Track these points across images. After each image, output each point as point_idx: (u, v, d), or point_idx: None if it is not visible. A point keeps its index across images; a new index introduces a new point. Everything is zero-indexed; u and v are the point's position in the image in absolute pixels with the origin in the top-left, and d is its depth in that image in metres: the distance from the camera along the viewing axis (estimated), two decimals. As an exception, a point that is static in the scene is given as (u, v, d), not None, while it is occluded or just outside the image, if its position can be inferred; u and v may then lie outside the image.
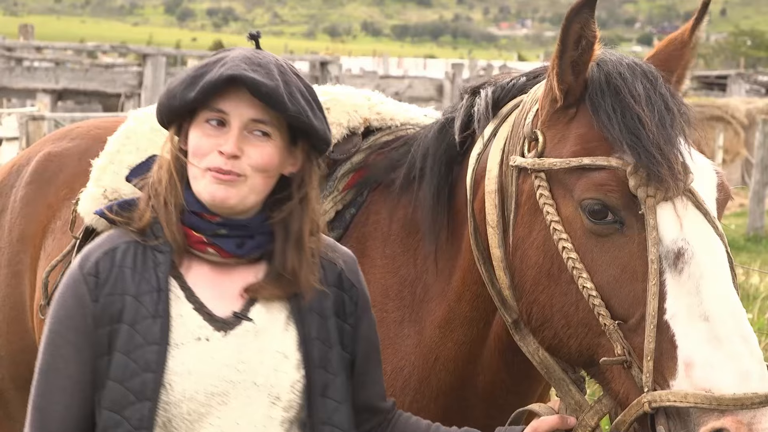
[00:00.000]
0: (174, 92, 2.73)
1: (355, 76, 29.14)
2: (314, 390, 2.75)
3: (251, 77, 2.65)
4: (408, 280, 3.37)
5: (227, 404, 2.68)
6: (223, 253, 2.74)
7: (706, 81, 38.92)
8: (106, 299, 2.68)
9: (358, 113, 3.68)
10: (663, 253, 2.74)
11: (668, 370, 2.67)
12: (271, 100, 2.66)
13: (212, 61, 2.73)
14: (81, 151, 4.34)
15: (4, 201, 4.47)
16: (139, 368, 2.64)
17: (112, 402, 2.65)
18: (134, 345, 2.65)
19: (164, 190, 2.73)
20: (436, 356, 3.29)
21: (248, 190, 2.70)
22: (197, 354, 2.68)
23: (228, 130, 2.69)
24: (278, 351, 2.73)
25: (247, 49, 2.78)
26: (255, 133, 2.70)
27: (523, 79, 3.28)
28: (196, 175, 2.71)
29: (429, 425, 2.98)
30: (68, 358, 2.69)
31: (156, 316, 2.67)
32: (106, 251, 2.74)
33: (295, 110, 2.69)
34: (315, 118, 2.74)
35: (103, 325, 2.67)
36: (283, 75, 2.71)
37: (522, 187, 2.98)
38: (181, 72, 2.79)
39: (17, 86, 21.88)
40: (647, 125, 2.80)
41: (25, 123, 14.21)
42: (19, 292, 4.32)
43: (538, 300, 2.92)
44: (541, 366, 3.02)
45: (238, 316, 2.73)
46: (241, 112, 2.69)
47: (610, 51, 3.00)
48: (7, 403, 4.45)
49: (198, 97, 2.68)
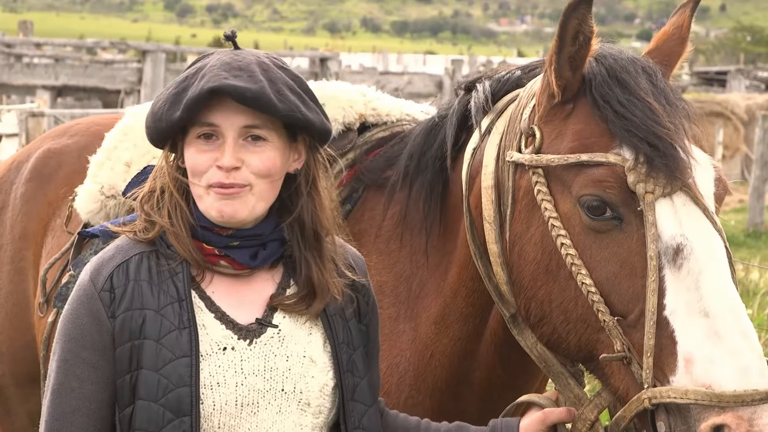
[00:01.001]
0: (159, 114, 2.63)
1: (355, 72, 29.09)
2: (346, 395, 2.72)
3: (233, 85, 2.55)
4: (403, 276, 3.37)
5: (257, 414, 2.63)
6: (236, 265, 2.68)
7: (705, 77, 38.91)
8: (125, 315, 2.60)
9: (353, 109, 3.67)
10: (662, 249, 2.73)
11: (668, 366, 2.67)
12: (258, 104, 2.58)
13: (191, 74, 2.63)
14: (80, 147, 4.34)
15: (4, 197, 4.47)
16: (172, 383, 2.57)
17: (148, 422, 2.57)
18: (163, 360, 2.58)
19: (167, 213, 2.65)
20: (432, 352, 3.28)
21: (255, 199, 2.63)
22: (224, 364, 2.62)
23: (222, 142, 2.61)
24: (305, 356, 2.69)
25: (226, 52, 2.68)
26: (250, 140, 2.62)
27: (519, 73, 3.28)
28: (200, 194, 2.63)
29: (419, 422, 2.96)
30: (83, 377, 2.61)
31: (182, 327, 2.60)
32: (118, 264, 2.65)
33: (285, 108, 2.60)
34: (309, 110, 2.65)
35: (122, 343, 2.60)
36: (267, 73, 2.62)
37: (519, 183, 2.98)
38: (163, 90, 2.68)
39: (17, 83, 21.86)
40: (662, 116, 2.80)
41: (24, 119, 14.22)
42: (22, 289, 4.32)
43: (536, 296, 2.91)
44: (540, 360, 3.01)
45: (261, 323, 2.68)
46: (231, 122, 2.60)
47: (609, 45, 2.99)
48: (7, 399, 4.46)
49: (183, 116, 2.58)
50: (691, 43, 3.17)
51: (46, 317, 4.03)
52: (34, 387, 4.20)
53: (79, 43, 30.61)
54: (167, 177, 2.69)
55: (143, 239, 2.68)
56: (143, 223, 2.69)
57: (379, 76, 27.13)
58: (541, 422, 2.92)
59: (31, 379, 4.24)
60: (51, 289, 4.02)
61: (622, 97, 2.84)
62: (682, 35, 3.13)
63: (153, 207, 2.69)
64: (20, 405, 4.43)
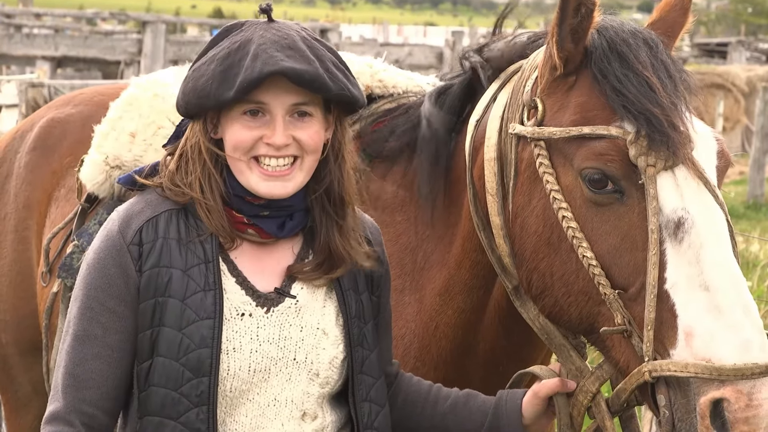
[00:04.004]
0: (206, 91, 2.61)
1: (355, 43, 29.00)
2: (355, 368, 2.75)
3: (291, 68, 2.56)
4: (409, 248, 3.38)
5: (268, 381, 2.66)
6: (263, 234, 2.70)
7: (706, 48, 38.78)
8: (152, 271, 2.62)
9: (359, 80, 3.65)
10: (663, 222, 2.73)
11: (668, 340, 2.67)
12: (314, 86, 2.60)
13: (234, 49, 2.61)
14: (84, 117, 4.34)
15: (8, 167, 4.47)
16: (194, 344, 2.59)
17: (167, 379, 2.60)
18: (186, 320, 2.60)
19: (199, 184, 2.65)
20: (437, 324, 3.30)
21: (304, 174, 2.67)
22: (242, 330, 2.65)
23: (270, 119, 2.63)
24: (318, 328, 2.72)
25: (266, 25, 2.66)
26: (296, 116, 2.65)
27: (524, 39, 3.27)
28: (242, 169, 2.65)
29: (431, 386, 3.01)
30: (107, 326, 2.63)
31: (207, 289, 2.62)
32: (148, 219, 2.66)
33: (337, 88, 2.63)
34: (354, 87, 2.69)
35: (147, 298, 2.62)
36: (314, 51, 2.63)
37: (521, 155, 2.98)
38: (199, 64, 2.66)
39: (16, 53, 21.80)
40: (659, 91, 2.79)
41: (24, 90, 14.18)
42: (26, 257, 4.33)
43: (538, 268, 2.92)
44: (542, 332, 3.02)
45: (280, 293, 2.70)
46: (282, 101, 2.62)
47: (611, 17, 2.99)
48: (11, 368, 4.47)
49: (237, 96, 2.58)
50: (693, 15, 3.16)
51: (48, 287, 4.04)
52: (37, 356, 4.21)
53: (79, 13, 30.55)
54: (202, 148, 2.68)
55: (175, 200, 2.68)
56: (171, 186, 2.69)
57: (379, 47, 27.05)
58: (534, 395, 2.95)
59: (34, 348, 4.25)
60: (54, 259, 4.03)
61: (619, 72, 2.83)
62: (685, 5, 3.12)
63: (181, 174, 2.69)
64: (23, 374, 4.44)
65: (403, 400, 2.99)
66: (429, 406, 2.98)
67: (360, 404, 2.77)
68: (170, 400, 2.60)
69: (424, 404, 2.98)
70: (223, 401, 2.64)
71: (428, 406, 2.98)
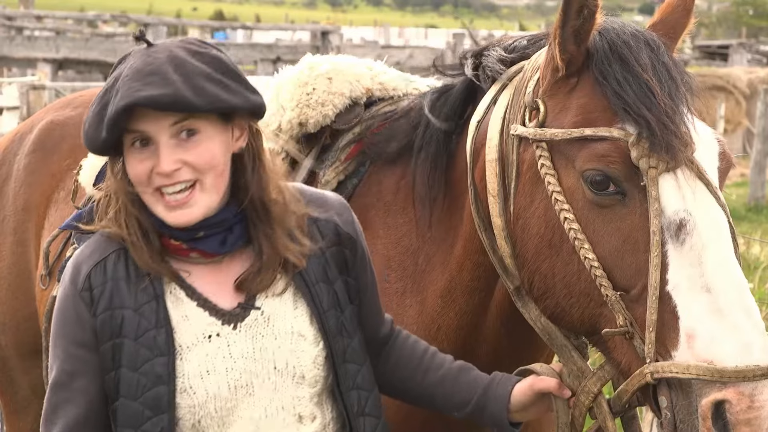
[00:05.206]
0: (89, 135, 2.59)
1: (356, 45, 29.04)
2: (337, 359, 2.74)
3: (145, 96, 2.49)
4: (410, 251, 3.37)
5: (253, 395, 2.65)
6: (207, 255, 2.67)
7: (707, 51, 38.78)
8: (105, 314, 2.62)
9: (360, 83, 3.66)
10: (665, 224, 2.73)
11: (670, 341, 2.67)
12: (176, 107, 2.51)
13: (109, 86, 2.56)
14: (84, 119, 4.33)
15: (7, 169, 4.47)
16: (150, 383, 2.60)
17: (128, 418, 2.61)
18: (141, 360, 2.60)
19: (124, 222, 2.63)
20: (438, 326, 3.29)
21: (208, 195, 2.60)
22: (211, 352, 2.64)
23: (156, 147, 2.56)
24: (293, 332, 2.70)
25: (139, 53, 2.60)
26: (184, 135, 2.56)
27: (525, 42, 3.27)
28: (151, 202, 2.61)
29: (425, 351, 3.01)
30: (72, 371, 2.65)
31: (159, 326, 2.61)
32: (96, 263, 2.66)
33: (205, 102, 2.53)
34: (231, 94, 2.58)
35: (105, 341, 2.62)
36: (180, 68, 2.54)
37: (523, 157, 2.98)
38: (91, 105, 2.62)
39: (18, 55, 21.87)
40: (657, 94, 2.79)
41: (25, 92, 14.21)
42: (24, 260, 4.33)
43: (539, 269, 2.92)
44: (543, 333, 3.02)
45: (244, 307, 2.69)
46: (159, 125, 2.54)
47: (613, 19, 2.98)
48: (10, 371, 4.48)
49: (108, 137, 2.55)
50: (694, 16, 3.16)
51: (48, 290, 4.03)
52: (36, 359, 4.21)
53: (80, 15, 30.61)
54: (117, 187, 2.65)
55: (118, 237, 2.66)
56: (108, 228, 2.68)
57: (380, 49, 27.11)
58: (529, 387, 2.95)
59: (33, 351, 4.25)
60: (54, 262, 4.03)
61: (620, 75, 2.83)
62: (687, 7, 3.11)
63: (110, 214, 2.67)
64: (23, 376, 4.44)
65: (395, 363, 2.99)
66: (419, 374, 2.98)
67: (347, 393, 2.76)
68: None
69: (415, 370, 2.99)
70: (212, 422, 2.64)
71: (419, 373, 2.98)
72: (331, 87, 3.63)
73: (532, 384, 2.95)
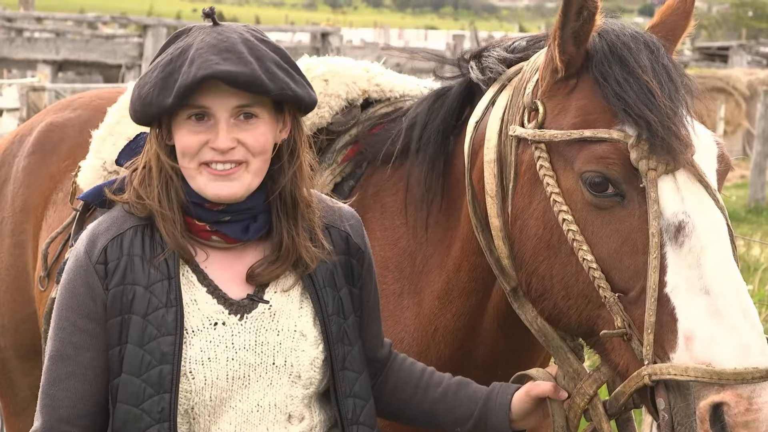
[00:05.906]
0: (148, 99, 2.61)
1: (356, 47, 29.07)
2: (336, 365, 2.74)
3: (225, 70, 2.54)
4: (407, 252, 3.37)
5: (248, 387, 2.67)
6: (229, 239, 2.70)
7: (707, 52, 38.78)
8: (117, 289, 2.63)
9: (356, 85, 3.66)
10: (664, 226, 2.73)
11: (668, 343, 2.67)
12: (251, 87, 2.57)
13: (176, 55, 2.60)
14: (83, 121, 4.34)
15: (6, 170, 4.48)
16: (155, 360, 2.60)
17: (129, 395, 2.61)
18: (148, 337, 2.61)
19: (157, 194, 2.65)
20: (435, 327, 3.29)
21: (251, 176, 2.64)
22: (215, 340, 2.65)
23: (214, 123, 2.61)
24: (295, 330, 2.71)
25: (208, 30, 2.64)
26: (242, 118, 2.62)
27: (524, 43, 3.27)
28: (192, 174, 2.64)
29: (423, 371, 3.01)
30: (80, 344, 2.65)
31: (169, 305, 2.62)
32: (113, 237, 2.67)
33: (277, 87, 2.59)
34: (298, 85, 2.65)
35: (114, 315, 2.63)
36: (254, 51, 2.60)
37: (521, 158, 2.98)
38: (147, 72, 2.65)
39: (18, 57, 21.86)
40: (658, 96, 2.79)
41: (25, 94, 14.23)
42: (22, 261, 4.33)
43: (537, 271, 2.92)
44: (539, 334, 3.02)
45: (252, 299, 2.70)
46: (224, 104, 2.60)
47: (612, 21, 2.98)
48: (10, 372, 4.48)
49: (176, 103, 2.57)
50: (694, 18, 3.16)
51: (47, 292, 4.03)
52: (36, 361, 4.21)
53: (80, 17, 30.61)
54: (159, 156, 2.68)
55: (138, 215, 2.69)
56: (136, 200, 2.69)
57: (380, 51, 27.07)
58: (526, 393, 2.95)
59: (33, 353, 4.25)
60: (52, 264, 4.03)
61: (620, 76, 2.83)
62: (687, 9, 3.11)
63: (144, 185, 2.69)
64: (23, 378, 4.44)
65: (394, 385, 3.00)
66: (420, 392, 2.99)
67: (344, 401, 2.76)
68: (132, 416, 2.61)
69: (415, 390, 2.99)
70: (204, 410, 2.65)
71: (419, 392, 2.99)
72: (328, 89, 3.63)
73: (529, 390, 2.95)
